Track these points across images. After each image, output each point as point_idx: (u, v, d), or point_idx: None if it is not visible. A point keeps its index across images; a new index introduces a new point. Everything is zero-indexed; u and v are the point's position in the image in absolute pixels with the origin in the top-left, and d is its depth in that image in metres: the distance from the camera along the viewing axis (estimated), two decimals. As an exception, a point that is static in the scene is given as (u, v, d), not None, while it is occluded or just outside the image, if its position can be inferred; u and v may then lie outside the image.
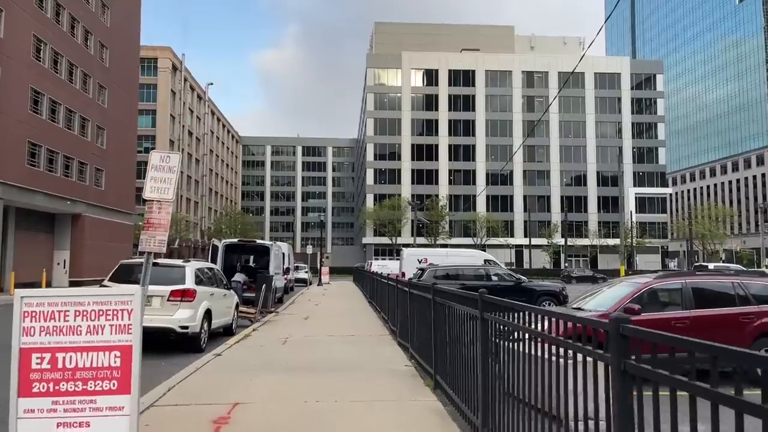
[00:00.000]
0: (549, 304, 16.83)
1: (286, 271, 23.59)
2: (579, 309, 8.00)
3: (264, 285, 14.96)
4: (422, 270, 17.49)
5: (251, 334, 11.87)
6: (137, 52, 46.00)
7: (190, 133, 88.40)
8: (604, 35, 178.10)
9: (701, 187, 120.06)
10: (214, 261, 18.34)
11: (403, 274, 24.05)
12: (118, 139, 41.42)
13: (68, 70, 34.70)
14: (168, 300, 9.76)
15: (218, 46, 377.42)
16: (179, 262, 10.88)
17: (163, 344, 10.06)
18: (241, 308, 14.08)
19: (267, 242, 19.34)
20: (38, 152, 31.68)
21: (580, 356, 2.86)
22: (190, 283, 10.07)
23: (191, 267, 10.57)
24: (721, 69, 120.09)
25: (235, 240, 19.98)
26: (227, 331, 12.34)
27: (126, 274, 10.22)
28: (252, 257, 20.65)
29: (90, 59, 37.33)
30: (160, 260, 10.46)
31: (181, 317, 9.74)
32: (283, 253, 24.96)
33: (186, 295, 9.88)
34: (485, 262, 23.58)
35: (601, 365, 2.68)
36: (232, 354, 9.16)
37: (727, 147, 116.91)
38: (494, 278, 17.30)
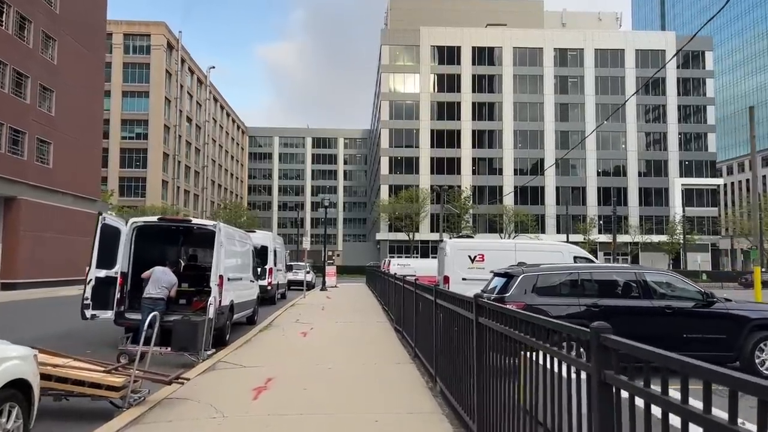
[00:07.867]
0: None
1: (262, 274, 14.62)
2: None
3: (151, 315, 6.27)
4: (506, 276, 8.85)
5: None
6: (104, 3, 37.61)
7: (189, 120, 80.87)
8: (630, 20, 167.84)
9: (739, 181, 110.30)
10: (109, 257, 9.57)
11: (446, 279, 15.41)
12: (76, 107, 33.07)
13: (-7, 7, 26.51)
14: None
15: (224, 39, 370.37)
16: None
17: None
18: (73, 371, 5.38)
19: (209, 223, 9.84)
20: (-59, 110, 23.51)
21: None
22: None
23: None
24: (764, 53, 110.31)
25: (154, 219, 10.26)
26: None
27: None
28: (188, 250, 12.01)
29: (30, -1, 29.06)
30: None
31: None
32: (263, 246, 16.59)
33: None
34: (575, 260, 14.94)
35: None
36: None
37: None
38: (654, 291, 8.63)
